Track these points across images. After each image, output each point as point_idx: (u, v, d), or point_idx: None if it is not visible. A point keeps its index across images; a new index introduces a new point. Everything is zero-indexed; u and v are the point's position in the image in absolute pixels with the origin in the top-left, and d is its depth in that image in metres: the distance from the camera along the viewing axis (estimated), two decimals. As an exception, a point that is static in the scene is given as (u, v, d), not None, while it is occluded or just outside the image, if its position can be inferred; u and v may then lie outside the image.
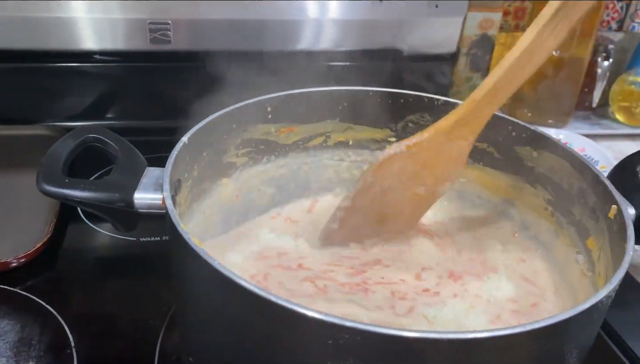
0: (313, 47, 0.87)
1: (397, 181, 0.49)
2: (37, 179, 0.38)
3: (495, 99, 0.46)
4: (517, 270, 0.52)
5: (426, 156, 0.48)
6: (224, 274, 0.32)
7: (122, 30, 0.80)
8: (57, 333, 0.54)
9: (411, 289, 0.47)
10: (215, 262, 0.32)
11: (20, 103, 0.86)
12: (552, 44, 0.43)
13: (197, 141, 0.47)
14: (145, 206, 0.41)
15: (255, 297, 0.31)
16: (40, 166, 0.40)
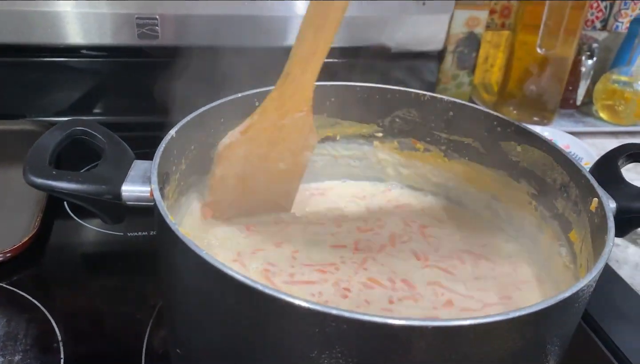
0: (301, 43, 0.87)
1: (250, 165, 0.51)
2: (24, 170, 0.38)
3: (306, 67, 0.48)
4: (500, 263, 0.53)
5: (269, 136, 0.50)
6: (212, 264, 0.32)
7: (109, 25, 0.80)
8: (43, 328, 0.54)
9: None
10: (203, 252, 0.32)
11: (7, 98, 0.85)
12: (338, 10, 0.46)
13: (185, 134, 0.47)
14: (133, 198, 0.41)
15: (242, 286, 0.31)
16: (27, 158, 0.39)
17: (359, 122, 0.61)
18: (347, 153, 0.63)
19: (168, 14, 0.80)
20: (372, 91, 0.59)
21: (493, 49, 1.07)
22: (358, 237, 0.54)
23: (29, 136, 0.84)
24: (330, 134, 0.61)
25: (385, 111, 0.60)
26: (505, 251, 0.55)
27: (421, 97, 0.58)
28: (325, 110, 0.60)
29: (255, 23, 0.84)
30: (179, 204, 0.49)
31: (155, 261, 0.61)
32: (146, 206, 0.41)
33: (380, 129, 0.61)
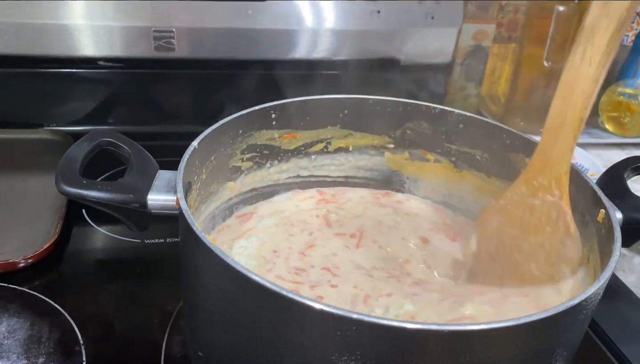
0: (312, 55, 0.90)
1: (501, 243, 0.47)
2: (56, 180, 0.40)
3: (557, 138, 0.44)
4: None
5: (521, 214, 0.46)
6: (238, 270, 0.34)
7: (127, 37, 0.82)
8: (65, 331, 0.55)
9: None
10: (229, 259, 0.34)
11: (26, 108, 0.88)
12: (589, 70, 0.42)
13: (206, 145, 0.49)
14: (158, 207, 0.43)
15: (267, 291, 0.33)
16: (58, 168, 0.41)
17: (371, 134, 0.63)
18: (359, 164, 0.65)
19: (184, 27, 0.82)
20: (384, 104, 0.61)
21: (500, 62, 1.09)
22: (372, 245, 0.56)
23: (47, 145, 0.86)
24: (344, 145, 0.63)
25: (397, 123, 0.62)
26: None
27: (432, 110, 0.59)
28: (338, 121, 0.61)
29: (268, 36, 0.86)
30: (199, 212, 0.51)
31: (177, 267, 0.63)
32: (170, 214, 0.43)
33: (392, 140, 0.63)
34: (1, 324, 0.55)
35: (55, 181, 0.41)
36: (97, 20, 0.81)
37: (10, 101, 0.87)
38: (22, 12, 0.79)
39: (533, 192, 0.45)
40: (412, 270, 0.52)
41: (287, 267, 0.50)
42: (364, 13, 0.88)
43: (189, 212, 0.38)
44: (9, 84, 0.85)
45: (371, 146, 0.64)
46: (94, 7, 0.80)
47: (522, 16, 1.07)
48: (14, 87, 0.86)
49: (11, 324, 0.56)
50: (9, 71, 0.85)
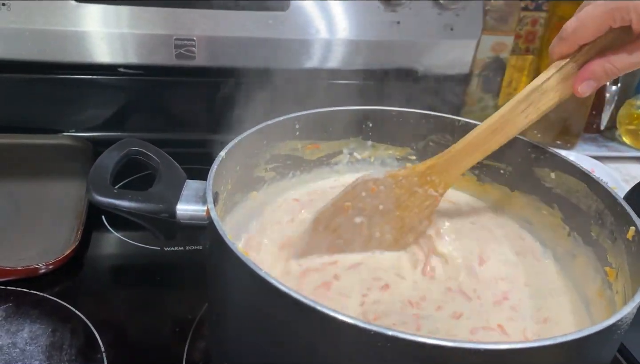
0: (331, 65, 0.90)
1: (371, 206, 0.52)
2: (88, 189, 0.40)
3: (467, 156, 0.51)
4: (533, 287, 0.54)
5: (400, 194, 0.52)
6: (271, 283, 0.34)
7: (148, 45, 0.83)
8: (87, 338, 0.55)
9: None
10: (262, 271, 0.34)
11: (46, 113, 0.88)
12: (522, 123, 0.50)
13: (232, 155, 0.49)
14: (187, 217, 0.43)
15: (301, 305, 0.32)
16: (89, 177, 0.42)
17: (393, 145, 0.63)
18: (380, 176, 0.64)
19: (205, 36, 0.83)
20: (407, 115, 0.61)
21: (517, 73, 1.09)
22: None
23: (66, 151, 0.87)
24: (365, 156, 0.63)
25: (420, 135, 0.62)
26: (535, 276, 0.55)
27: (456, 123, 0.59)
28: (361, 133, 0.61)
29: (289, 45, 0.86)
30: (224, 222, 0.51)
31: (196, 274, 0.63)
32: (198, 224, 0.43)
33: (414, 152, 0.63)
34: (23, 330, 0.56)
35: (86, 190, 0.41)
36: (119, 28, 0.82)
37: (30, 107, 0.87)
38: (46, 19, 0.80)
39: (422, 184, 0.52)
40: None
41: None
42: (384, 24, 0.88)
43: (221, 223, 0.38)
44: (30, 90, 0.86)
45: (393, 157, 0.63)
46: (116, 14, 0.81)
47: (540, 28, 1.07)
48: (35, 93, 0.87)
49: (33, 330, 0.56)
50: (31, 77, 0.85)
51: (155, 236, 0.43)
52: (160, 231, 0.43)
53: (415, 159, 0.63)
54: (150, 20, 0.81)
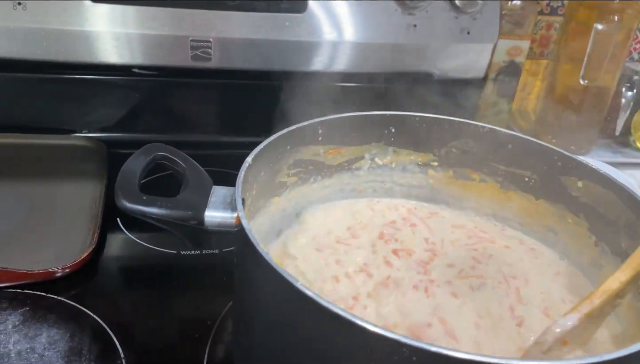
0: (348, 68, 0.89)
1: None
2: (116, 195, 0.40)
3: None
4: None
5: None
6: (306, 293, 0.33)
7: (164, 46, 0.82)
8: (105, 344, 0.55)
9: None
10: (298, 282, 0.33)
11: (60, 113, 0.88)
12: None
13: (258, 161, 0.48)
14: (215, 224, 0.42)
15: (340, 319, 0.32)
16: (117, 183, 0.41)
17: (415, 151, 0.62)
18: (401, 181, 0.64)
19: (222, 37, 0.82)
20: (430, 121, 0.60)
21: (531, 77, 1.08)
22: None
23: (80, 152, 0.86)
24: (387, 161, 0.63)
25: (442, 141, 0.61)
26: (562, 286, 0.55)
27: (480, 129, 0.59)
28: (383, 138, 0.61)
29: (307, 48, 0.85)
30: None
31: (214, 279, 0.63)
32: (226, 230, 0.43)
33: (436, 158, 0.62)
34: (41, 335, 0.55)
35: (114, 196, 0.40)
36: (135, 29, 0.81)
37: (45, 107, 0.87)
38: (62, 19, 0.79)
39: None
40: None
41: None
42: (401, 27, 0.88)
43: (252, 231, 0.37)
44: (45, 89, 0.86)
45: (415, 163, 0.63)
46: (131, 15, 0.80)
47: (555, 32, 1.06)
48: (49, 93, 0.86)
49: (51, 335, 0.55)
50: (45, 77, 0.85)
51: (183, 243, 0.42)
52: (188, 238, 0.42)
53: (437, 165, 0.62)
54: (166, 22, 0.81)
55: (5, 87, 0.85)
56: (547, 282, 0.54)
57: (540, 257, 0.57)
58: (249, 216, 0.51)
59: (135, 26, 0.81)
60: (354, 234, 0.57)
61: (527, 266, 0.55)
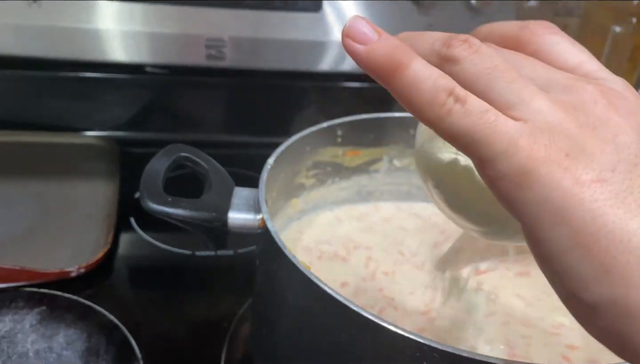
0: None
1: None
2: (141, 197, 0.40)
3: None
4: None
5: None
6: (335, 298, 0.33)
7: (179, 45, 0.82)
8: (123, 344, 0.55)
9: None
10: (327, 287, 0.33)
11: (73, 112, 0.88)
12: None
13: (279, 163, 0.48)
14: (238, 225, 0.42)
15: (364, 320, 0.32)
16: (142, 184, 0.41)
17: (434, 153, 0.62)
18: (419, 183, 0.63)
19: (237, 37, 0.82)
20: (450, 123, 0.59)
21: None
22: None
23: (92, 150, 0.86)
24: (405, 164, 0.62)
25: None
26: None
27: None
28: (402, 140, 0.60)
29: (322, 48, 0.85)
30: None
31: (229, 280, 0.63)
32: (249, 232, 0.42)
33: (455, 160, 0.61)
34: (58, 335, 0.55)
35: (139, 197, 0.40)
36: (149, 27, 0.81)
37: (57, 105, 0.87)
38: (76, 16, 0.79)
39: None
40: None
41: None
42: (416, 26, 0.87)
43: (278, 234, 0.37)
44: (58, 87, 0.86)
45: (433, 165, 0.62)
46: (146, 13, 0.80)
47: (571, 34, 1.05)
48: (62, 91, 0.86)
49: (68, 334, 0.55)
50: (58, 75, 0.85)
51: (206, 245, 0.42)
52: (212, 240, 0.42)
53: (455, 167, 0.62)
54: (181, 20, 0.80)
55: (17, 84, 0.85)
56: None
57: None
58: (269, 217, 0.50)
59: (150, 25, 0.80)
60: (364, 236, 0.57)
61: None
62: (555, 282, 0.23)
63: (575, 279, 0.21)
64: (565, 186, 0.21)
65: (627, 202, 0.20)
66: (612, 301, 0.21)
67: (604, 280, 0.21)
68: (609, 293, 0.21)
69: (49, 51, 0.80)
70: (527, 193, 0.21)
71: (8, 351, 0.53)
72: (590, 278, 0.21)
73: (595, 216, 0.20)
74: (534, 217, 0.21)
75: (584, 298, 0.21)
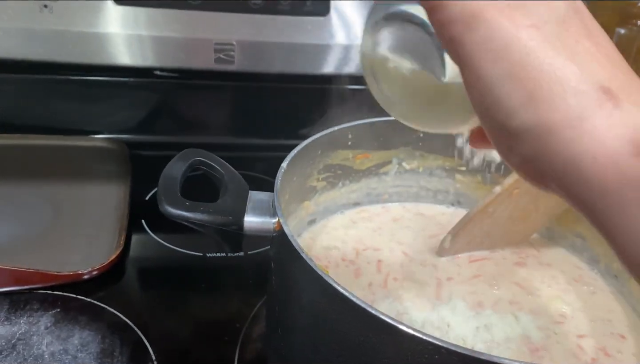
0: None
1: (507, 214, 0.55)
2: (159, 201, 0.40)
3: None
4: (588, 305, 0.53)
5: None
6: (353, 301, 0.33)
7: (188, 49, 0.82)
8: (137, 346, 0.55)
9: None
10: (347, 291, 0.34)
11: (83, 115, 0.88)
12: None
13: (292, 166, 0.49)
14: (254, 229, 0.42)
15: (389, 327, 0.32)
16: (160, 189, 0.41)
17: (442, 156, 0.62)
18: (428, 185, 0.64)
19: (245, 40, 0.83)
20: (459, 127, 0.60)
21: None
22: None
23: (103, 153, 0.86)
24: (414, 166, 0.63)
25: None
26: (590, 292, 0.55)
27: (509, 135, 0.59)
28: (411, 142, 0.61)
29: (329, 51, 0.86)
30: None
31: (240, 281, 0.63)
32: (264, 235, 0.43)
33: (464, 163, 0.62)
34: (73, 337, 0.55)
35: (158, 202, 0.40)
36: (159, 31, 0.81)
37: (67, 108, 0.87)
38: (86, 20, 0.80)
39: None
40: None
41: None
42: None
43: (295, 237, 0.38)
44: (68, 91, 0.86)
45: (442, 168, 0.63)
46: (155, 17, 0.81)
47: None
48: (72, 95, 0.87)
49: (83, 336, 0.56)
50: (69, 78, 0.85)
51: (221, 248, 0.42)
52: (227, 243, 0.42)
53: (464, 169, 0.63)
54: (190, 24, 0.81)
55: (28, 88, 0.86)
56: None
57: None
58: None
59: (159, 29, 0.81)
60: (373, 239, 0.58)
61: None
62: (487, 116, 0.26)
63: (505, 108, 0.25)
64: (507, 27, 0.24)
65: (556, 46, 0.24)
66: (535, 124, 0.24)
67: (531, 106, 0.24)
68: (534, 118, 0.24)
69: (60, 55, 0.81)
70: (474, 34, 0.25)
71: (24, 353, 0.53)
72: (519, 105, 0.24)
73: (529, 52, 0.24)
74: (477, 55, 0.25)
75: (511, 126, 0.25)
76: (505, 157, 0.27)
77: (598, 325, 0.51)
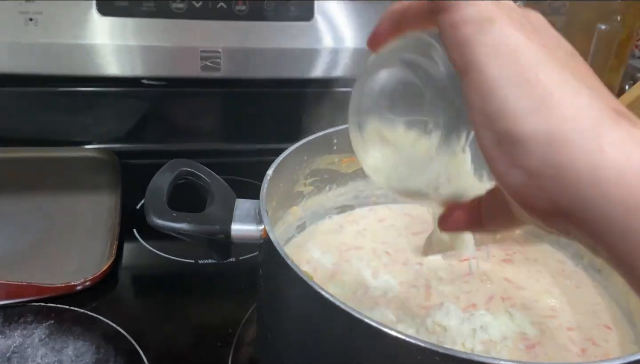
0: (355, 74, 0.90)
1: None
2: (146, 212, 0.41)
3: None
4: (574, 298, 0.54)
5: None
6: (337, 305, 0.34)
7: (174, 57, 0.83)
8: (130, 355, 0.56)
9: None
10: (330, 295, 0.35)
11: (72, 126, 0.89)
12: None
13: (278, 173, 0.50)
14: (241, 237, 0.43)
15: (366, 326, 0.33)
16: (146, 200, 0.42)
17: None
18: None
19: (231, 48, 0.83)
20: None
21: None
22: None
23: (93, 163, 0.87)
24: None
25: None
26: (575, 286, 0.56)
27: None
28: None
29: (315, 55, 0.86)
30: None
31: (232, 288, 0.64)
32: (251, 242, 0.44)
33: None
34: (68, 348, 0.56)
35: (145, 213, 0.41)
36: (145, 41, 0.82)
37: (56, 120, 0.88)
38: (72, 33, 0.80)
39: None
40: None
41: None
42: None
43: (280, 245, 0.38)
44: (56, 103, 0.87)
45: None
46: (140, 27, 0.81)
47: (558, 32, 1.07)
48: (60, 106, 0.87)
49: (77, 347, 0.56)
50: (56, 90, 0.86)
51: (210, 256, 0.43)
52: (216, 252, 0.43)
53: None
54: (176, 33, 0.82)
55: (16, 101, 0.86)
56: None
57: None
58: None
59: (145, 39, 0.82)
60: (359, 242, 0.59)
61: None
62: (488, 124, 0.24)
63: (512, 113, 0.23)
64: (520, 36, 0.24)
65: (565, 68, 0.24)
66: (546, 130, 0.23)
67: (542, 111, 0.23)
68: (545, 124, 0.23)
69: (47, 67, 0.81)
70: (486, 36, 0.24)
71: (19, 365, 0.54)
72: (529, 109, 0.23)
73: (540, 61, 0.24)
74: (485, 56, 0.24)
75: (518, 132, 0.23)
76: (503, 176, 0.24)
77: (585, 317, 0.52)
